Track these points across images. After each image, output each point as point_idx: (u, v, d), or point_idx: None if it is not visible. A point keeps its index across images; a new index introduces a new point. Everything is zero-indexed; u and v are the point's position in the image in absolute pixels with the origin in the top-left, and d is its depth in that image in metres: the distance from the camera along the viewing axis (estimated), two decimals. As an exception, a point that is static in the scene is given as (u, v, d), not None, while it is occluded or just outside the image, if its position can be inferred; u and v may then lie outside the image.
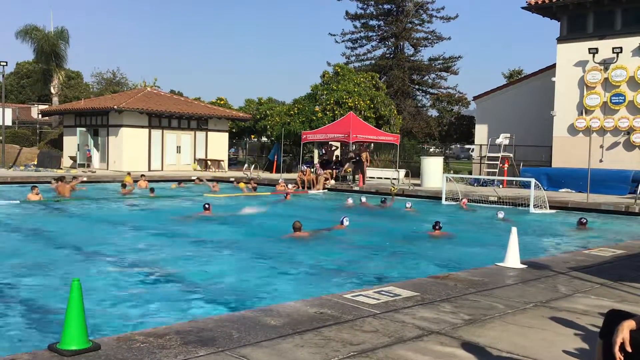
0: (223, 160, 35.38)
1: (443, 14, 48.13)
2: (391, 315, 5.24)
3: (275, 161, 34.31)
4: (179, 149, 34.04)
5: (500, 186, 25.21)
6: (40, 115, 41.48)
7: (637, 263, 8.47)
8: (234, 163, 40.08)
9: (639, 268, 8.08)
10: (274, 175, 30.26)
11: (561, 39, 25.84)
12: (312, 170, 25.62)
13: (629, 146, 24.11)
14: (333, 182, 25.84)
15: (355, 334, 4.68)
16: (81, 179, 22.34)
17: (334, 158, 29.01)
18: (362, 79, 35.76)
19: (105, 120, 32.80)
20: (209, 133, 35.23)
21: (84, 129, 33.80)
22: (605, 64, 24.37)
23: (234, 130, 40.45)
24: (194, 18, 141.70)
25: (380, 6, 47.81)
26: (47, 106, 42.22)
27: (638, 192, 18.90)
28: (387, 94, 38.52)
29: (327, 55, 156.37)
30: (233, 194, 22.50)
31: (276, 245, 11.44)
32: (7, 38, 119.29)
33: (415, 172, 29.42)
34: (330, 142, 28.91)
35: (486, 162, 27.92)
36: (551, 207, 18.34)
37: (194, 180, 26.81)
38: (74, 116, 34.95)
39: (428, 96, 51.57)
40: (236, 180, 26.12)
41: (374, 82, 36.58)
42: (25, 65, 57.66)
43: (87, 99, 40.53)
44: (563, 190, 23.29)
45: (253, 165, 34.68)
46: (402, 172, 28.14)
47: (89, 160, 32.22)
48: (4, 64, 32.81)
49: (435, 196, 20.71)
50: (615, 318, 3.13)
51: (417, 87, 50.73)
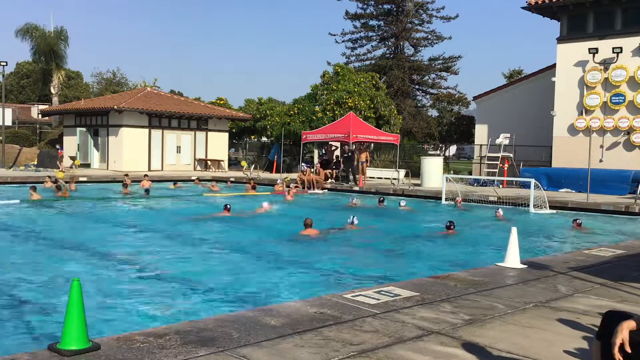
0: (223, 160, 35.39)
1: (443, 14, 48.27)
2: (391, 315, 5.23)
3: (275, 161, 34.32)
4: (179, 149, 34.04)
5: (500, 186, 25.21)
6: (40, 115, 41.50)
7: (637, 263, 8.46)
8: (234, 163, 40.10)
9: (639, 268, 8.07)
10: (274, 175, 30.26)
11: (561, 39, 25.84)
12: (312, 170, 25.64)
13: (629, 146, 24.11)
14: (331, 181, 25.84)
15: (355, 334, 4.68)
16: (66, 182, 21.63)
17: (334, 158, 29.02)
18: (362, 79, 35.76)
19: (105, 120, 32.81)
20: (209, 133, 35.24)
21: (84, 129, 33.81)
22: (605, 64, 24.37)
23: (234, 130, 40.45)
24: (194, 18, 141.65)
25: (380, 6, 47.83)
26: (47, 106, 42.25)
27: (638, 192, 18.90)
28: (387, 94, 38.52)
29: (327, 55, 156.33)
30: (231, 193, 22.50)
31: (276, 245, 11.44)
32: (7, 38, 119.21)
33: (415, 172, 29.43)
34: (330, 142, 28.91)
35: (486, 162, 27.91)
36: (551, 207, 18.34)
37: (194, 180, 26.90)
38: (74, 116, 34.95)
39: (428, 96, 51.63)
40: (229, 181, 26.17)
41: (374, 82, 36.58)
42: (25, 65, 57.67)
43: (87, 99, 40.56)
44: (563, 190, 23.29)
45: (253, 165, 34.68)
46: (402, 172, 28.15)
47: (60, 159, 31.98)
48: (4, 64, 32.83)
49: (435, 196, 20.71)
50: (612, 319, 3.12)
51: (417, 87, 50.76)
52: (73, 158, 33.61)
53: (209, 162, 34.52)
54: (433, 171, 24.78)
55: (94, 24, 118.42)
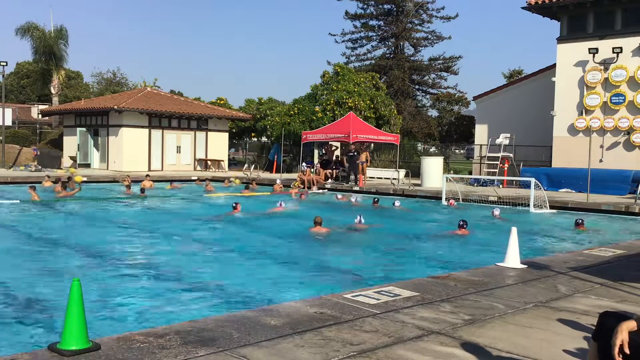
0: (223, 160, 35.39)
1: (443, 13, 48.28)
2: (391, 315, 5.24)
3: (275, 161, 34.32)
4: (179, 149, 34.04)
5: (500, 186, 25.21)
6: (40, 115, 41.47)
7: (637, 263, 8.46)
8: (234, 163, 40.09)
9: (639, 268, 8.07)
10: (274, 175, 30.27)
11: (561, 39, 25.84)
12: (312, 170, 25.65)
13: (629, 146, 24.10)
14: (331, 181, 25.85)
15: (355, 334, 4.68)
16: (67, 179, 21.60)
17: (334, 158, 29.02)
18: (362, 79, 35.76)
19: (105, 120, 32.80)
20: (209, 133, 35.23)
21: (84, 129, 33.82)
22: (605, 64, 24.37)
23: (234, 130, 40.45)
24: (194, 18, 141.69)
25: (380, 6, 47.84)
26: (47, 106, 42.21)
27: (638, 192, 18.90)
28: (387, 94, 38.53)
29: (327, 55, 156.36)
30: (230, 193, 22.50)
31: (276, 245, 11.45)
32: (7, 38, 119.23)
33: (415, 172, 29.42)
34: (330, 142, 28.91)
35: (486, 162, 27.91)
36: (551, 207, 18.34)
37: (195, 180, 26.95)
38: (74, 116, 34.96)
39: (428, 96, 51.64)
40: (227, 180, 26.17)
41: (374, 82, 36.58)
42: (25, 65, 57.65)
43: (87, 99, 40.55)
44: (563, 190, 23.29)
45: (253, 165, 34.68)
46: (402, 172, 28.14)
47: (34, 159, 31.87)
48: (4, 64, 32.82)
49: (436, 196, 20.71)
50: (608, 320, 3.12)
51: (417, 87, 50.77)
52: (73, 158, 33.65)
53: (209, 162, 34.52)
54: (433, 171, 24.78)
55: (94, 24, 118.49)
